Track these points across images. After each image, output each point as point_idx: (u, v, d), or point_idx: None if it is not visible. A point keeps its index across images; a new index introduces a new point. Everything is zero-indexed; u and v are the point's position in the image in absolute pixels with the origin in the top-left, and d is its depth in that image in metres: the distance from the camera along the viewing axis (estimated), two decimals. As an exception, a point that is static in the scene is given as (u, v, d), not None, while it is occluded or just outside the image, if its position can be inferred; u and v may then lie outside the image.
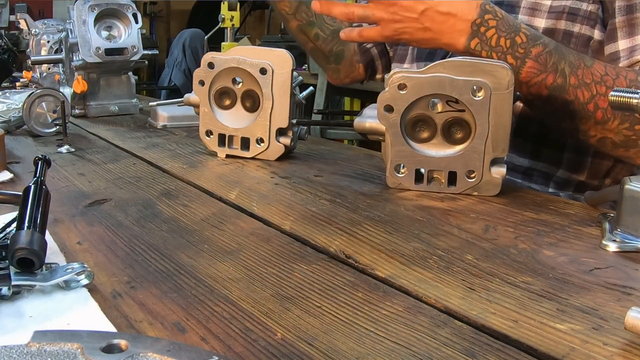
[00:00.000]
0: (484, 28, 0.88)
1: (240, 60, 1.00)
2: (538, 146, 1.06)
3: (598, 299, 0.53)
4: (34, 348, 0.34)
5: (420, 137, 0.85)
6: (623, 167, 1.07)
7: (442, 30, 0.89)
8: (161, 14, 7.56)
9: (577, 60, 0.89)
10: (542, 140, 1.05)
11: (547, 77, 0.88)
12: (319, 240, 0.67)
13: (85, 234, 0.69)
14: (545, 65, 0.88)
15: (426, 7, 0.88)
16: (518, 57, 0.88)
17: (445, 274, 0.58)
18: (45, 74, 1.85)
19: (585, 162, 1.05)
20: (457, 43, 0.89)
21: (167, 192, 0.86)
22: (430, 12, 0.88)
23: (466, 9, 0.88)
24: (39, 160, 0.68)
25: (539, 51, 0.88)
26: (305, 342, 0.46)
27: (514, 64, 0.88)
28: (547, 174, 1.06)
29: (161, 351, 0.34)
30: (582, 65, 0.89)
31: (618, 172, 1.07)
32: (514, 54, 0.88)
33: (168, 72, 5.28)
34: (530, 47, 0.88)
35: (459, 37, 0.89)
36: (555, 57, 0.88)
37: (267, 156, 1.03)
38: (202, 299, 0.53)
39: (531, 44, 0.88)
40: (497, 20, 0.88)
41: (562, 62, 0.88)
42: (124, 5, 1.51)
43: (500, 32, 0.88)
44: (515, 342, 0.46)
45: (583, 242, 0.67)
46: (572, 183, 1.07)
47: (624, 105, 0.64)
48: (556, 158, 1.05)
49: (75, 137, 1.26)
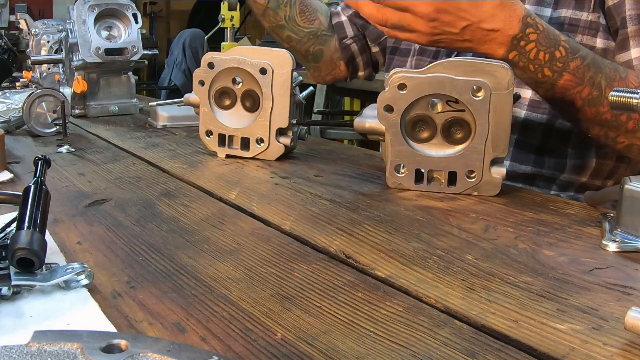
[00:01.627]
0: (524, 42, 0.86)
1: (240, 60, 1.00)
2: (541, 155, 1.05)
3: (598, 299, 0.53)
4: (34, 348, 0.34)
5: (420, 137, 0.85)
6: (626, 168, 1.07)
7: (481, 42, 0.87)
8: (161, 14, 7.56)
9: (612, 73, 0.89)
10: (545, 149, 1.05)
11: (583, 89, 0.88)
12: (319, 240, 0.67)
13: (85, 234, 0.69)
14: (582, 79, 0.87)
15: (468, 23, 0.85)
16: (556, 70, 0.87)
17: (445, 274, 0.58)
18: (45, 74, 1.85)
19: (588, 164, 1.05)
20: (495, 53, 0.88)
21: (167, 192, 0.86)
22: (472, 27, 0.86)
23: (508, 24, 0.86)
24: (39, 160, 0.68)
25: (577, 65, 0.87)
26: (305, 342, 0.46)
27: (551, 77, 0.87)
28: (550, 178, 1.06)
29: (161, 351, 0.34)
30: (617, 78, 0.89)
31: (621, 172, 1.07)
32: (551, 67, 0.87)
33: (168, 72, 5.28)
34: (568, 60, 0.87)
35: (497, 48, 0.87)
36: (593, 70, 0.88)
37: (267, 156, 1.03)
38: (202, 299, 0.53)
39: (570, 58, 0.87)
40: (537, 34, 0.86)
41: (598, 76, 0.88)
42: (124, 5, 1.51)
43: (540, 45, 0.86)
44: (515, 342, 0.46)
45: (583, 242, 0.67)
46: (574, 185, 1.07)
47: (624, 105, 0.64)
48: (559, 164, 1.05)
49: (75, 137, 1.26)
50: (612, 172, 1.07)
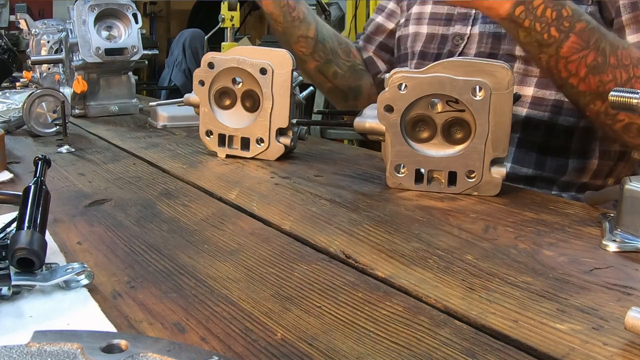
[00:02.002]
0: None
1: (240, 60, 1.00)
2: (542, 156, 1.05)
3: (598, 299, 0.53)
4: (34, 348, 0.34)
5: (420, 137, 0.85)
6: (625, 166, 1.07)
7: None
8: (161, 14, 7.56)
9: (616, 41, 0.88)
10: (547, 148, 1.05)
11: (588, 54, 0.86)
12: (319, 240, 0.67)
13: (85, 234, 0.69)
14: (587, 42, 0.86)
15: None
16: (562, 30, 0.85)
17: (445, 274, 0.58)
18: (45, 74, 1.85)
19: (590, 165, 1.05)
20: (500, 8, 0.85)
21: (167, 192, 0.86)
22: None
23: None
24: (39, 160, 0.68)
25: (583, 27, 0.85)
26: (305, 342, 0.46)
27: (557, 37, 0.85)
28: (551, 179, 1.06)
29: (161, 351, 0.34)
30: (620, 47, 0.87)
31: (620, 171, 1.07)
32: (558, 26, 0.85)
33: (168, 72, 5.28)
34: (575, 21, 0.85)
35: (504, 2, 0.85)
36: (597, 34, 0.86)
37: (267, 156, 1.03)
38: (202, 299, 0.53)
39: (576, 19, 0.85)
40: None
41: (603, 41, 0.86)
42: (124, 5, 1.51)
43: (547, 2, 0.84)
44: (515, 342, 0.46)
45: (583, 242, 0.67)
46: (575, 185, 1.06)
47: (624, 105, 0.64)
48: (561, 166, 1.05)
49: (75, 137, 1.26)
50: (611, 171, 1.07)
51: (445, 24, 1.17)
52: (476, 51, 1.10)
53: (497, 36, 1.07)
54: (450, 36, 1.15)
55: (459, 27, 1.14)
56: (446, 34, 1.16)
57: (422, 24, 1.21)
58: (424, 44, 1.20)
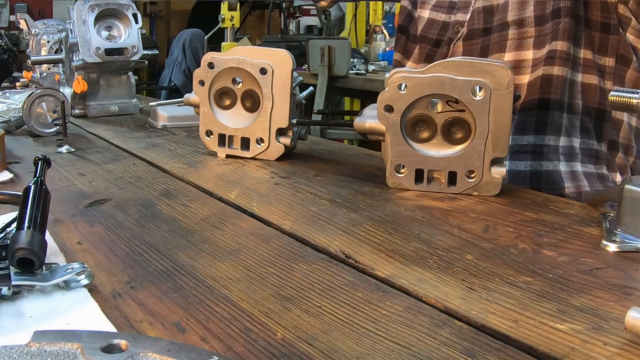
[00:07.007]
0: None
1: (240, 60, 1.00)
2: (543, 117, 1.03)
3: (598, 299, 0.53)
4: (34, 348, 0.34)
5: (420, 137, 0.85)
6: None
7: None
8: (161, 14, 7.56)
9: None
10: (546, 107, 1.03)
11: None
12: (319, 240, 0.67)
13: (85, 234, 0.69)
14: None
15: None
16: None
17: (445, 274, 0.58)
18: (45, 74, 1.85)
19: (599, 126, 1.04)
20: None
21: (167, 192, 0.86)
22: None
23: None
24: (39, 160, 0.68)
25: None
26: (305, 342, 0.46)
27: None
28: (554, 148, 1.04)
29: (161, 351, 0.34)
30: None
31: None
32: None
33: (168, 72, 5.27)
34: None
35: None
36: None
37: (267, 156, 1.03)
38: (202, 299, 0.53)
39: None
40: None
41: None
42: (124, 5, 1.51)
43: None
44: (515, 342, 0.46)
45: (583, 242, 0.67)
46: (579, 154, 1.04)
47: (624, 105, 0.64)
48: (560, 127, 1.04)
49: (75, 137, 1.26)
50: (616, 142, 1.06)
51: (448, 11, 1.18)
52: (468, 29, 1.10)
53: (489, 9, 1.08)
54: (452, 24, 1.16)
55: (461, 15, 1.15)
56: (447, 21, 1.17)
57: (426, 8, 1.22)
58: (424, 27, 1.21)
